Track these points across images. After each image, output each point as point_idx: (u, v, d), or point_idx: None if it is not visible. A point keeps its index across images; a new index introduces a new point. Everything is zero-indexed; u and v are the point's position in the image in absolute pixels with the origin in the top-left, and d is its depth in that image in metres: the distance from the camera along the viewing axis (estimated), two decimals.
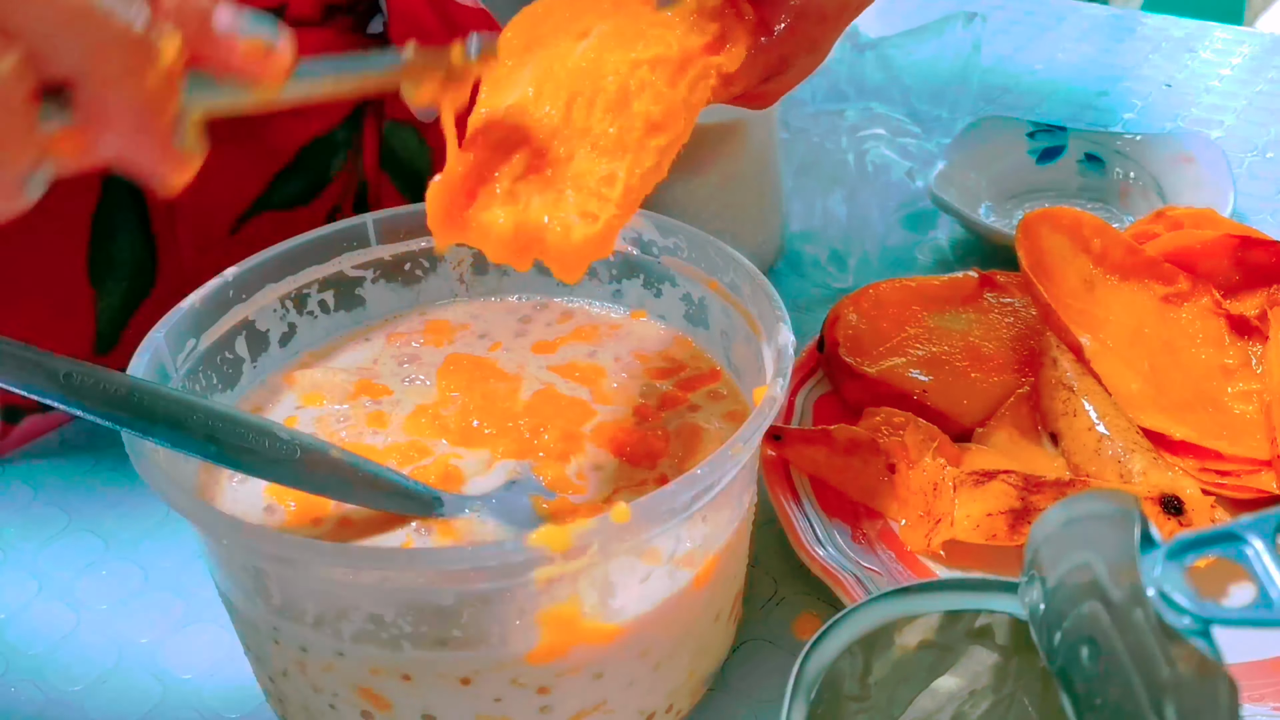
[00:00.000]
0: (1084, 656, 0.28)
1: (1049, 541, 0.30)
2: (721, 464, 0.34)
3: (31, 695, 0.44)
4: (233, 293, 0.44)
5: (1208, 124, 0.86)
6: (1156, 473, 0.47)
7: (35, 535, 0.52)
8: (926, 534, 0.46)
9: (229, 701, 0.43)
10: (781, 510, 0.46)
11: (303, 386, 0.46)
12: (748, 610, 0.45)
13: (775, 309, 0.40)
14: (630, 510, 0.32)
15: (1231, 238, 0.54)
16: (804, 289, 0.67)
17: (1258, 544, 0.25)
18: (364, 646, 0.34)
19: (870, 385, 0.52)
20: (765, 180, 0.65)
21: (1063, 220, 0.56)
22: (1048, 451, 0.51)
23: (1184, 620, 0.25)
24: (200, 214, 0.55)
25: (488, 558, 0.32)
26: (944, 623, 0.33)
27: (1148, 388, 0.52)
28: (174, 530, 0.51)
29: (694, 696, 0.41)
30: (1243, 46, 0.98)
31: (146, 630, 0.47)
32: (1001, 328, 0.55)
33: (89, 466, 0.55)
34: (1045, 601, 0.30)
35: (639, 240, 0.47)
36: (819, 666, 0.31)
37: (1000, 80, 0.95)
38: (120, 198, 0.53)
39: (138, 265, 0.55)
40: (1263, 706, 0.39)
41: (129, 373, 0.38)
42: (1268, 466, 0.49)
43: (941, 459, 0.47)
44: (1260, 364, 0.52)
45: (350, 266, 0.47)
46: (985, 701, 0.34)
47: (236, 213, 0.56)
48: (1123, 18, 1.07)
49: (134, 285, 0.55)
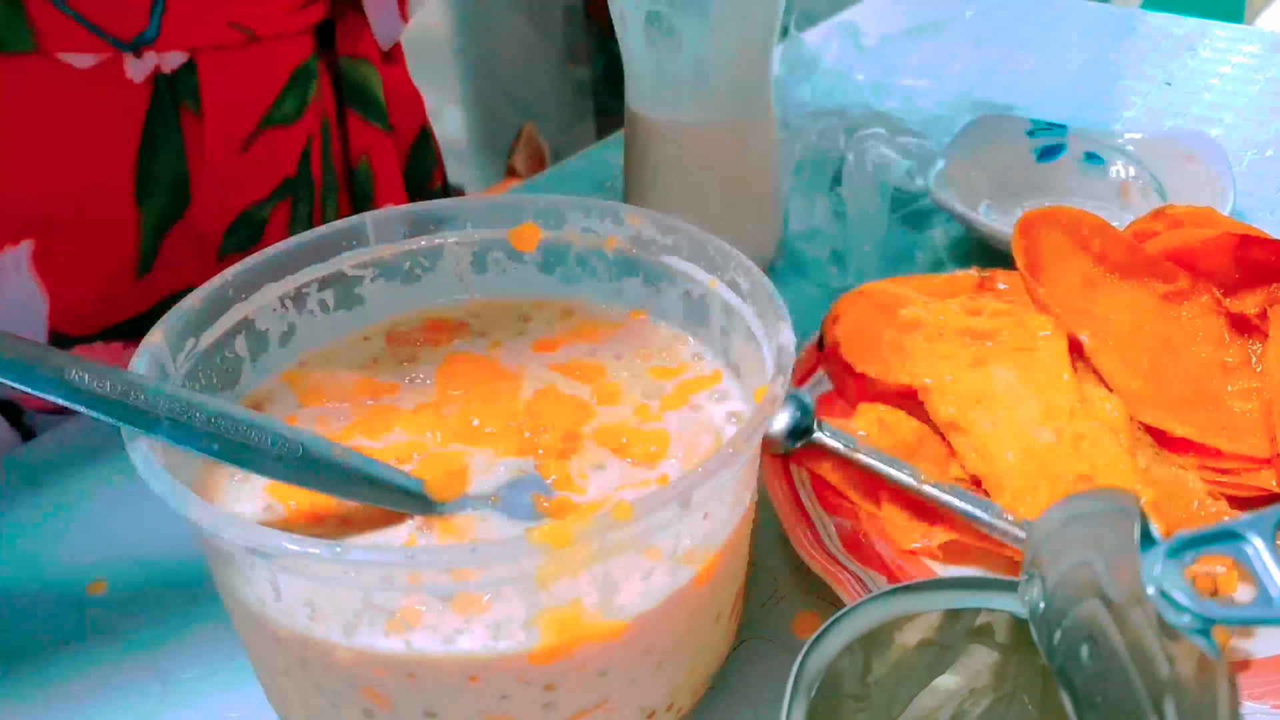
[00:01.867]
0: (1084, 655, 0.28)
1: (1049, 539, 0.30)
2: (722, 462, 0.34)
3: (32, 695, 0.44)
4: (232, 292, 0.44)
5: (1208, 122, 0.86)
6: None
7: (35, 535, 0.52)
8: (922, 534, 0.46)
9: (229, 701, 0.43)
10: (781, 510, 0.46)
11: (304, 386, 0.46)
12: (748, 609, 0.45)
13: (776, 307, 0.40)
14: (632, 507, 0.32)
15: (1232, 236, 0.54)
16: (804, 289, 0.67)
17: (1257, 542, 0.24)
18: (366, 646, 0.34)
19: (870, 384, 0.52)
20: (765, 180, 0.65)
21: (1062, 219, 0.56)
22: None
23: (1184, 619, 0.25)
24: (222, 129, 0.59)
25: (489, 555, 0.32)
26: (944, 621, 0.33)
27: (1148, 385, 0.52)
28: (175, 529, 0.51)
29: (695, 695, 0.41)
30: (1243, 45, 0.98)
31: (146, 630, 0.47)
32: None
33: (89, 466, 0.55)
34: (1045, 600, 0.30)
35: (638, 238, 0.47)
36: (819, 665, 0.31)
37: (1000, 79, 0.95)
38: (165, 113, 0.56)
39: (175, 184, 0.58)
40: (1263, 705, 0.39)
41: (130, 370, 0.38)
42: (1268, 464, 0.49)
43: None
44: (1260, 362, 0.52)
45: (350, 265, 0.47)
46: (985, 700, 0.34)
47: (249, 129, 0.60)
48: (1123, 16, 1.07)
49: (171, 206, 0.59)
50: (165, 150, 0.58)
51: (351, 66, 0.67)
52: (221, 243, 0.62)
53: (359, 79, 0.67)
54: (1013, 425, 0.48)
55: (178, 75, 0.56)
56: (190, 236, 0.60)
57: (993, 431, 0.48)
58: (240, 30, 0.58)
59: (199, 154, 0.59)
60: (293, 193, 0.64)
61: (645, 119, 0.63)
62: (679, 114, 0.61)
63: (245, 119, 0.60)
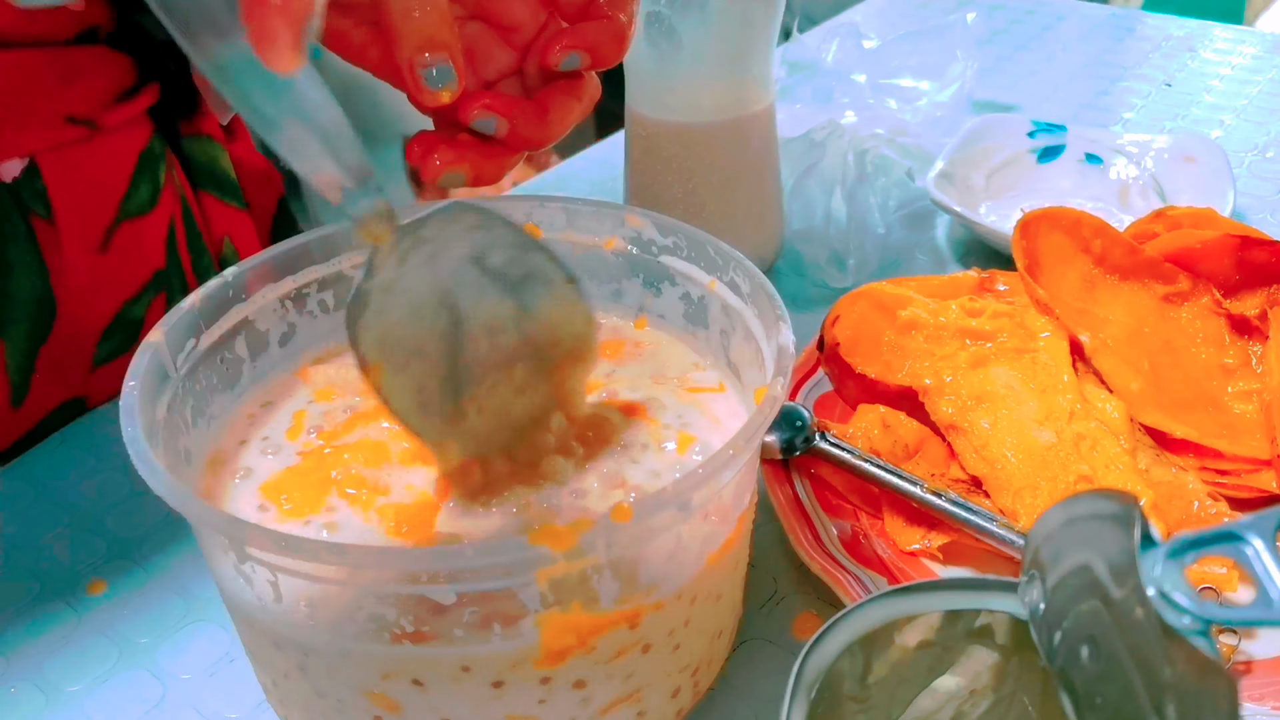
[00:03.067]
0: (1084, 656, 0.28)
1: (1049, 541, 0.30)
2: (722, 463, 0.34)
3: (31, 695, 0.44)
4: (232, 292, 0.44)
5: (1208, 123, 0.86)
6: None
7: (36, 536, 0.52)
8: (922, 536, 0.46)
9: (229, 701, 0.43)
10: (781, 510, 0.46)
11: (317, 382, 0.46)
12: (748, 610, 0.45)
13: (775, 308, 0.40)
14: (632, 509, 0.32)
15: (1232, 237, 0.54)
16: (804, 289, 0.67)
17: (1257, 543, 0.24)
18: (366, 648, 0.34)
19: (870, 385, 0.52)
20: (765, 180, 0.65)
21: (1062, 220, 0.56)
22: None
23: (1184, 620, 0.25)
24: (78, 229, 0.56)
25: (487, 556, 0.32)
26: (944, 622, 0.33)
27: (1148, 387, 0.52)
28: (174, 530, 0.51)
29: (696, 696, 0.41)
30: (1243, 46, 0.98)
31: (146, 630, 0.47)
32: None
33: (89, 466, 0.55)
34: (1045, 601, 0.30)
35: (638, 239, 0.47)
36: (819, 666, 0.31)
37: (1000, 80, 0.95)
38: (14, 226, 0.53)
39: (38, 301, 0.55)
40: (1263, 706, 0.39)
41: (129, 371, 0.38)
42: (1268, 466, 0.49)
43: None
44: (1260, 363, 0.52)
45: (349, 266, 0.47)
46: (985, 701, 0.34)
47: (105, 224, 0.57)
48: (1123, 17, 1.07)
49: (36, 326, 0.55)
50: (21, 267, 0.54)
51: (196, 147, 0.63)
52: (96, 350, 0.59)
53: (206, 159, 0.64)
54: (1013, 426, 0.48)
55: (20, 182, 0.53)
56: (64, 350, 0.57)
57: (993, 432, 0.48)
58: (79, 124, 0.55)
59: (58, 262, 0.55)
60: (166, 285, 0.61)
61: (645, 119, 0.63)
62: (679, 114, 0.61)
63: (100, 214, 0.57)
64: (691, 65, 0.59)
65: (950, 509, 0.45)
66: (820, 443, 0.49)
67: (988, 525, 0.45)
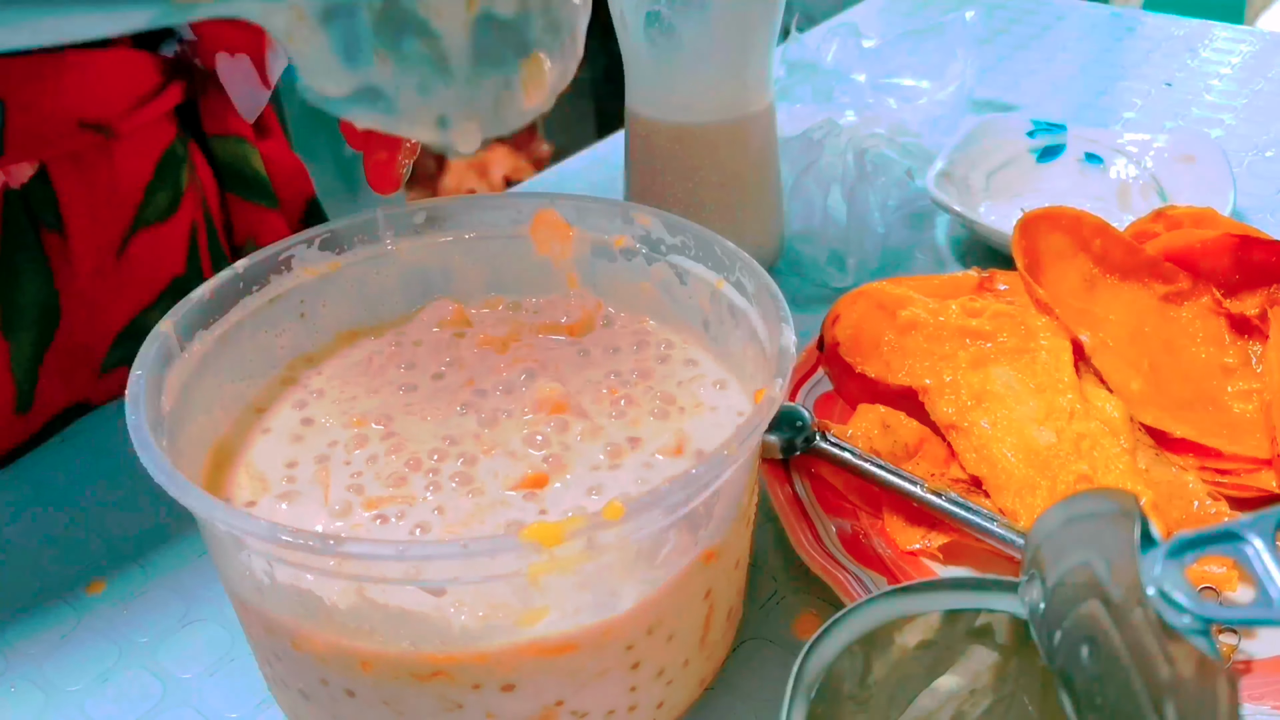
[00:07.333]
0: (1084, 656, 0.28)
1: (1049, 540, 0.30)
2: (717, 464, 0.34)
3: (31, 695, 0.44)
4: (242, 284, 0.44)
5: (1208, 123, 0.86)
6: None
7: (36, 536, 0.52)
8: (922, 536, 0.46)
9: (229, 701, 0.43)
10: (781, 510, 0.46)
11: (323, 375, 0.47)
12: (748, 610, 0.45)
13: (779, 308, 0.40)
14: (623, 507, 0.32)
15: (1232, 237, 0.54)
16: (804, 289, 0.67)
17: (1257, 543, 0.24)
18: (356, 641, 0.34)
19: (870, 385, 0.52)
20: (765, 180, 0.65)
21: (1062, 219, 0.56)
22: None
23: (1184, 619, 0.25)
24: (89, 240, 0.55)
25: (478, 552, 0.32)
26: (944, 622, 0.33)
27: (1148, 386, 0.52)
28: (175, 529, 0.51)
29: (692, 695, 0.41)
30: (1243, 46, 0.98)
31: (146, 630, 0.47)
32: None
33: (90, 466, 0.55)
34: (1045, 600, 0.30)
35: (647, 238, 0.47)
36: (819, 666, 0.31)
37: (1000, 79, 0.95)
38: (21, 233, 0.52)
39: (43, 307, 0.54)
40: (1262, 706, 0.39)
41: (137, 361, 0.38)
42: (1268, 465, 0.49)
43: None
44: (1260, 363, 0.52)
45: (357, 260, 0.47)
46: (985, 701, 0.34)
47: (120, 234, 0.56)
48: (1123, 17, 1.07)
49: (41, 330, 0.55)
50: (28, 274, 0.53)
51: (223, 146, 0.61)
52: (106, 356, 0.58)
53: (233, 158, 0.62)
54: (1013, 426, 0.48)
55: (29, 189, 0.52)
56: (71, 356, 0.56)
57: (993, 432, 0.48)
58: (94, 130, 0.53)
59: (67, 270, 0.54)
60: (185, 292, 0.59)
61: (645, 119, 0.63)
62: (679, 114, 0.61)
63: (114, 225, 0.56)
64: (691, 65, 0.59)
65: (950, 509, 0.45)
66: (820, 443, 0.49)
67: (988, 525, 0.45)
